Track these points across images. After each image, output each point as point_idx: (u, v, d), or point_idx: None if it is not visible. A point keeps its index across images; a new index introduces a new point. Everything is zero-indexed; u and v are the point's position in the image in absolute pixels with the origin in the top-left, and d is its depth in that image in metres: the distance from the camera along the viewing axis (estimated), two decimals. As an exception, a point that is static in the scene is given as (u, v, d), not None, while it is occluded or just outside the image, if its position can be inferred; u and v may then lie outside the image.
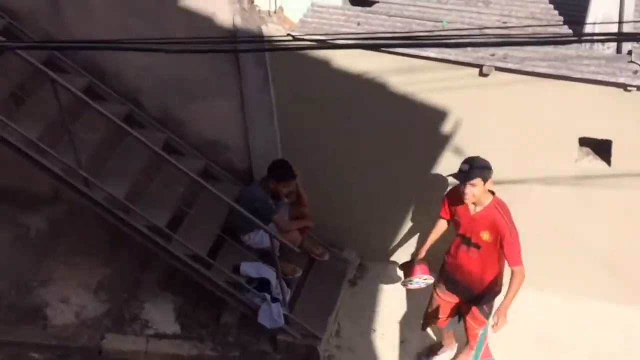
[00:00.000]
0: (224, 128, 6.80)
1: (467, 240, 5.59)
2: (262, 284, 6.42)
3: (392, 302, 6.88)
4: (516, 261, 5.40)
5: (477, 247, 5.53)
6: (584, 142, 5.97)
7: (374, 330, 6.68)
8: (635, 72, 5.49)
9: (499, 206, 5.47)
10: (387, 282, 7.02)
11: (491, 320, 5.62)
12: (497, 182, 6.16)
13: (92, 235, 7.36)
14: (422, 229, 6.75)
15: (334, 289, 6.83)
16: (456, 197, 5.59)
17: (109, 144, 6.43)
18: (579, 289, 6.53)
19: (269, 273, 6.43)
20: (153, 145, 5.86)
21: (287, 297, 6.44)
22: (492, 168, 5.42)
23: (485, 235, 5.47)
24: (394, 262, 6.92)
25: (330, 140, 6.61)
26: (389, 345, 6.56)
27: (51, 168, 5.94)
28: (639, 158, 5.83)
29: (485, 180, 5.36)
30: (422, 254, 5.93)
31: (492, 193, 5.54)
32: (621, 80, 5.49)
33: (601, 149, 5.98)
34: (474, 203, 5.49)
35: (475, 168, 5.33)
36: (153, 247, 6.27)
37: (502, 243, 5.40)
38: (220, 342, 6.59)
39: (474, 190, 5.37)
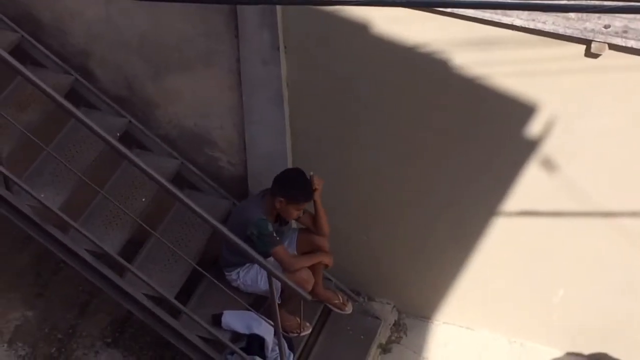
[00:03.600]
0: (210, 115, 6.82)
1: None
2: (253, 344, 6.41)
3: None
4: None
5: None
6: None
7: (413, 421, 6.72)
8: None
9: None
10: (435, 350, 7.07)
11: None
12: (604, 213, 6.11)
13: (10, 262, 7.36)
14: (492, 275, 6.80)
15: (358, 355, 6.85)
16: None
17: (43, 130, 6.39)
18: None
19: (263, 328, 6.41)
20: (106, 135, 5.77)
21: None
22: None
23: None
24: (447, 322, 6.92)
25: (363, 142, 6.61)
26: None
27: (-46, 161, 5.93)
28: None
29: None
30: None
31: None
32: None
33: None
34: None
35: None
36: (98, 282, 6.26)
37: None
38: None
39: None
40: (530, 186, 6.30)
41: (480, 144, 6.30)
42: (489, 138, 6.27)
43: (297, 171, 6.34)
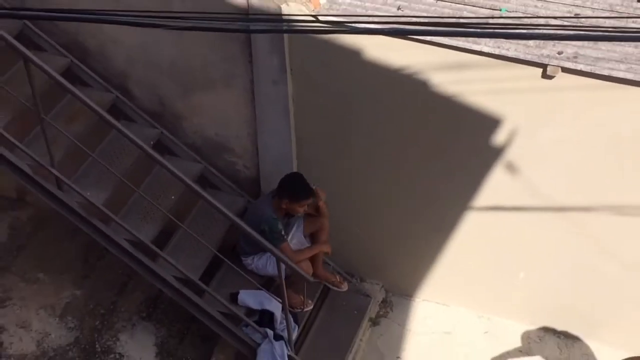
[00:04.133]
0: (228, 126, 6.78)
1: None
2: (264, 318, 6.40)
3: (421, 349, 6.86)
4: None
5: None
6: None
7: (398, 382, 6.67)
8: None
9: None
10: (417, 323, 7.03)
11: None
12: (558, 209, 6.13)
13: (61, 248, 7.38)
14: (464, 260, 6.79)
15: (352, 327, 6.83)
16: None
17: (89, 139, 6.37)
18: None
19: (273, 305, 6.39)
20: (142, 143, 5.78)
21: (294, 335, 6.42)
22: None
23: None
24: (426, 300, 6.90)
25: (357, 148, 6.58)
26: (415, 402, 6.54)
27: (17, 164, 5.90)
28: None
29: None
30: None
31: None
32: None
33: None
34: None
35: None
36: (134, 265, 6.25)
37: None
38: None
39: None
40: (496, 186, 6.30)
41: (455, 151, 6.28)
42: (462, 146, 6.25)
43: (296, 175, 6.35)
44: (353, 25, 5.44)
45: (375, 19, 5.58)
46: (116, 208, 6.25)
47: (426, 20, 5.59)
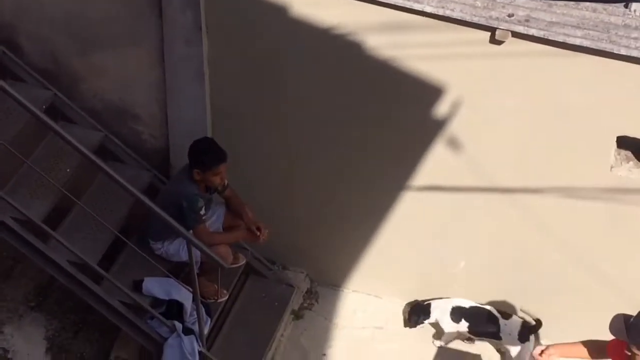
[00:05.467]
0: (134, 90, 6.74)
1: None
2: (172, 309, 6.38)
3: (350, 345, 6.92)
4: None
5: None
6: (624, 143, 5.98)
7: (322, 382, 6.75)
8: (700, 53, 5.46)
9: None
10: (345, 317, 7.09)
11: None
12: (505, 189, 6.16)
13: None
14: (399, 247, 6.84)
15: (272, 321, 6.89)
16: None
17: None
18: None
19: (182, 294, 6.36)
20: (31, 106, 5.62)
21: (206, 329, 6.42)
22: None
23: None
24: (356, 291, 6.98)
25: (280, 119, 6.57)
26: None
27: None
28: (695, 169, 5.89)
29: None
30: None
31: None
32: (681, 62, 5.50)
33: (646, 154, 6.04)
34: None
35: (637, 330, 4.83)
36: (22, 248, 6.10)
37: None
38: None
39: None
40: (435, 164, 6.34)
41: (391, 123, 6.30)
42: (399, 118, 6.27)
43: (203, 140, 6.28)
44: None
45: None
46: (1, 181, 6.12)
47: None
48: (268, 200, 6.79)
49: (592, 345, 5.34)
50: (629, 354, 4.83)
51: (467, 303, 6.78)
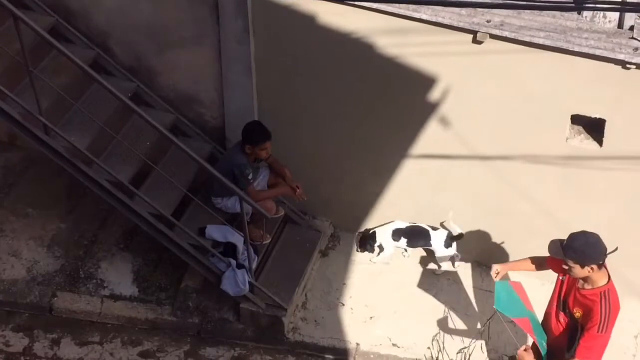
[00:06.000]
0: (198, 81, 6.70)
1: (562, 304, 5.17)
2: (228, 249, 6.35)
3: (364, 276, 6.87)
4: (585, 356, 4.90)
5: (568, 316, 5.13)
6: (577, 120, 5.96)
7: (343, 305, 6.66)
8: (636, 49, 5.43)
9: (606, 298, 4.86)
10: (359, 255, 7.02)
11: None
12: (484, 157, 6.15)
13: (48, 187, 7.29)
14: (399, 200, 6.81)
15: (304, 258, 6.80)
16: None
17: (73, 91, 6.26)
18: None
19: (236, 238, 6.35)
20: (120, 94, 5.71)
21: (254, 264, 6.39)
22: (601, 253, 4.79)
23: (578, 314, 5.05)
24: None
25: (310, 102, 6.54)
26: (357, 321, 6.55)
27: (8, 111, 5.78)
28: (632, 140, 5.82)
29: (582, 265, 4.79)
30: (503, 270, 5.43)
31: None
32: (620, 57, 5.43)
33: (594, 128, 5.96)
34: (582, 279, 4.96)
35: (570, 248, 4.79)
36: (114, 203, 6.18)
37: (584, 332, 4.90)
38: (179, 307, 6.55)
39: (571, 272, 4.87)
40: (430, 137, 6.32)
41: (395, 105, 6.28)
42: (402, 101, 6.25)
43: (254, 122, 6.31)
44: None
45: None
46: (97, 152, 6.16)
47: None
48: (300, 165, 6.71)
49: (534, 260, 5.38)
50: (566, 267, 4.84)
51: (403, 224, 6.74)
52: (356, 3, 5.66)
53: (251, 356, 6.41)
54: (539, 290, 5.79)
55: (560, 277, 5.15)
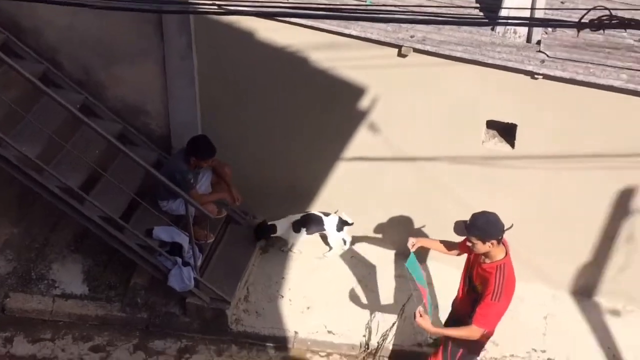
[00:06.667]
0: (144, 93, 6.52)
1: (469, 279, 5.22)
2: (175, 248, 6.19)
3: (301, 271, 6.76)
4: (480, 322, 4.94)
5: (473, 289, 5.17)
6: (491, 125, 5.97)
7: (282, 297, 6.54)
8: (542, 61, 5.49)
9: (501, 270, 4.92)
10: (296, 251, 6.88)
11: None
12: (410, 159, 6.09)
13: (0, 194, 6.83)
14: (336, 201, 6.70)
15: (245, 255, 6.70)
16: None
17: (24, 104, 5.93)
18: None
19: (181, 238, 6.20)
20: (69, 106, 5.45)
21: (199, 262, 6.25)
22: (500, 229, 4.84)
23: (480, 287, 5.09)
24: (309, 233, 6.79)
25: (251, 113, 6.39)
26: (295, 311, 6.44)
27: (-40, 123, 5.42)
28: (540, 142, 5.86)
29: (484, 241, 4.86)
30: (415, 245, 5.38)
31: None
32: (529, 68, 5.48)
33: (506, 132, 5.99)
34: (483, 254, 5.02)
35: (473, 226, 4.87)
36: (64, 208, 5.93)
37: (480, 300, 4.96)
38: (128, 304, 6.37)
39: (474, 248, 4.93)
40: (361, 142, 6.25)
41: (329, 115, 6.20)
42: (335, 110, 6.16)
43: (201, 137, 6.15)
44: (227, 8, 5.05)
45: (247, 3, 5.26)
46: (48, 160, 5.89)
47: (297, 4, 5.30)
48: (242, 169, 6.54)
49: (445, 242, 5.44)
50: (470, 244, 4.93)
51: (299, 215, 6.64)
52: (288, 19, 5.55)
53: (197, 347, 6.25)
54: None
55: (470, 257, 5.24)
